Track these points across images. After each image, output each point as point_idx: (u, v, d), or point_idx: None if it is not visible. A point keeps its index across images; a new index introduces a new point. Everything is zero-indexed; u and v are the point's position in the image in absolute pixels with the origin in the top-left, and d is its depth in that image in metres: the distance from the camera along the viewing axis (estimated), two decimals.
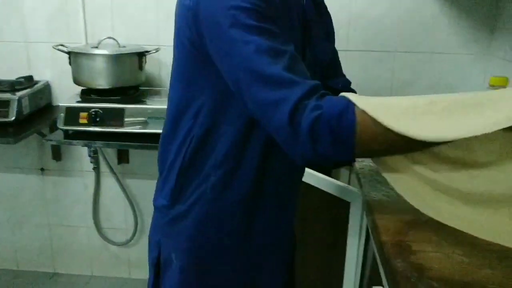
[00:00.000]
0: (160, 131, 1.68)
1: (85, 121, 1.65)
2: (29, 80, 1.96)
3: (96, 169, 2.12)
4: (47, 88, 2.02)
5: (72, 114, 1.66)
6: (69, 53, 1.75)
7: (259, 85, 0.72)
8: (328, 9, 1.07)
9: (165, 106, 1.66)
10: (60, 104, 1.71)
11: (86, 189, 2.20)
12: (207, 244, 0.93)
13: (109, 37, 1.82)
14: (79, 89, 1.84)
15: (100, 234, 2.25)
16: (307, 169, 1.28)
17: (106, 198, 2.22)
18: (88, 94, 1.80)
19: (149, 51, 1.81)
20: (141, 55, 1.77)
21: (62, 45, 1.78)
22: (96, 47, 1.75)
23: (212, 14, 0.76)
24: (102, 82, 1.73)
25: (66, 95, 1.92)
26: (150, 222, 1.01)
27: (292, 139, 0.71)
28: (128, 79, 1.77)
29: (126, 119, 1.65)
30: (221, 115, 0.86)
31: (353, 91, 1.11)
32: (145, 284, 2.25)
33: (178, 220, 0.93)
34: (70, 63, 1.76)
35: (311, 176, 1.32)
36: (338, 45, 1.14)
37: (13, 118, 1.73)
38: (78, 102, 1.74)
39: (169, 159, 0.93)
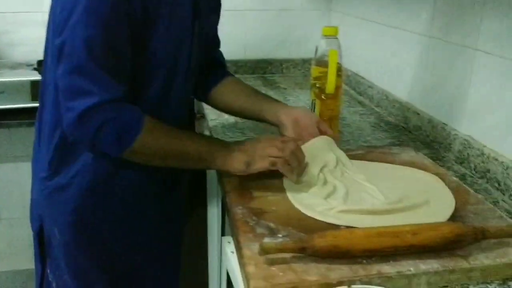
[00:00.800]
0: None
1: None
2: None
3: None
4: None
5: None
6: None
7: (75, 71, 0.76)
8: None
9: None
10: None
11: None
12: (91, 218, 0.90)
13: None
14: None
15: None
16: None
17: None
18: None
19: None
20: None
21: None
22: None
23: None
24: None
25: None
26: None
27: (76, 125, 0.77)
28: None
29: None
30: None
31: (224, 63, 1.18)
32: (11, 276, 2.07)
33: (59, 193, 0.88)
34: None
35: None
36: None
37: None
38: None
39: (46, 129, 0.88)
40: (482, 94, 1.02)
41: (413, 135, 1.25)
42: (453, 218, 0.78)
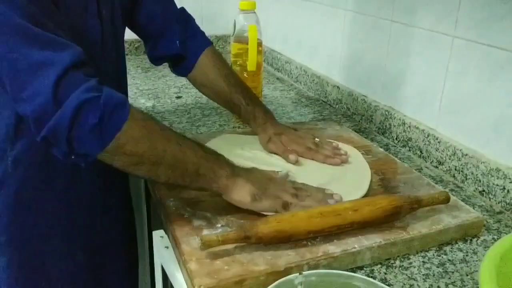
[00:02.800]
0: None
1: None
2: None
3: None
4: None
5: None
6: None
7: (19, 41, 0.57)
8: None
9: None
10: None
11: None
12: (26, 232, 0.77)
13: None
14: None
15: None
16: None
17: None
18: None
19: None
20: None
21: None
22: None
23: None
24: None
25: None
26: None
27: (48, 109, 0.57)
28: None
29: None
30: None
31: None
32: None
33: None
34: None
35: None
36: None
37: None
38: None
39: None
40: (399, 65, 1.04)
41: (334, 109, 1.26)
42: (386, 189, 0.79)
